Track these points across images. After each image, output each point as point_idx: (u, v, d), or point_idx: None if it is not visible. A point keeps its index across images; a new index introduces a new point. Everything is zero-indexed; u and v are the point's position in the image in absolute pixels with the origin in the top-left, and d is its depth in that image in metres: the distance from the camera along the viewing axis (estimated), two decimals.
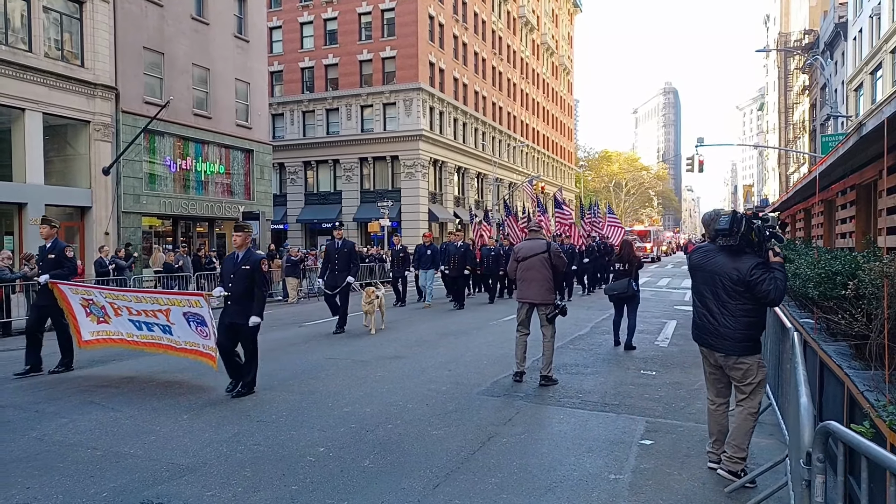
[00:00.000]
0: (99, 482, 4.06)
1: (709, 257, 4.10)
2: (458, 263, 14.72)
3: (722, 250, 4.02)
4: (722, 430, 4.24)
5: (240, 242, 6.50)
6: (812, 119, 44.50)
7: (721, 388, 4.23)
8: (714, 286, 4.02)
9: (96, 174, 20.10)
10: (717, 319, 4.00)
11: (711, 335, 4.05)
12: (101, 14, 20.16)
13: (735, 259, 3.94)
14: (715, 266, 4.03)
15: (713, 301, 4.03)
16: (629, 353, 8.76)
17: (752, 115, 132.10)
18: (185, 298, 6.85)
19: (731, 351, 3.95)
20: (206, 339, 6.63)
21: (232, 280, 6.43)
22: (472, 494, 3.90)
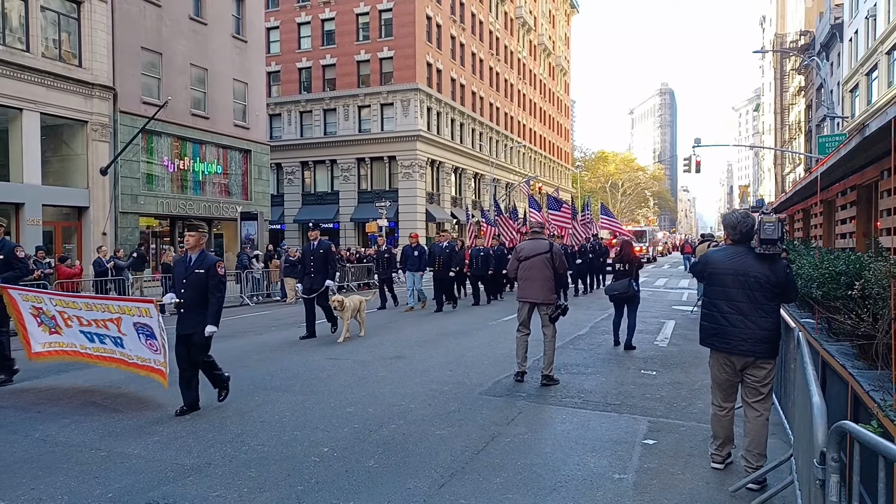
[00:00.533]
0: (104, 483, 4.05)
1: (738, 259, 3.98)
2: (443, 265, 14.22)
3: (750, 252, 3.95)
4: (729, 433, 4.23)
5: (192, 243, 5.86)
6: (808, 120, 44.67)
7: (732, 393, 4.20)
8: (748, 288, 3.90)
9: (94, 174, 20.06)
10: (752, 321, 3.89)
11: (741, 339, 3.92)
12: (98, 14, 20.12)
13: (766, 261, 3.89)
14: (747, 268, 3.92)
15: (747, 303, 3.90)
16: (629, 353, 8.78)
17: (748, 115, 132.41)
18: (136, 306, 6.24)
19: (761, 353, 3.88)
20: (156, 354, 6.03)
21: (184, 286, 5.80)
22: (477, 494, 3.91)
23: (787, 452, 4.02)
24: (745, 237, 4.01)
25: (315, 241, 10.44)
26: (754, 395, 4.02)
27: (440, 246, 14.55)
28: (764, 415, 3.98)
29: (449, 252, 14.41)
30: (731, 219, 4.09)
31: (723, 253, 4.14)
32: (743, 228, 4.00)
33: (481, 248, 15.99)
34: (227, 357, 8.47)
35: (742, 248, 4.02)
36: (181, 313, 5.89)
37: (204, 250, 5.96)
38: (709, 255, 4.27)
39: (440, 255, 14.27)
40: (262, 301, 18.08)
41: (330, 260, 10.51)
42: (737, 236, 4.02)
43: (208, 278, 5.77)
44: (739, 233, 4.00)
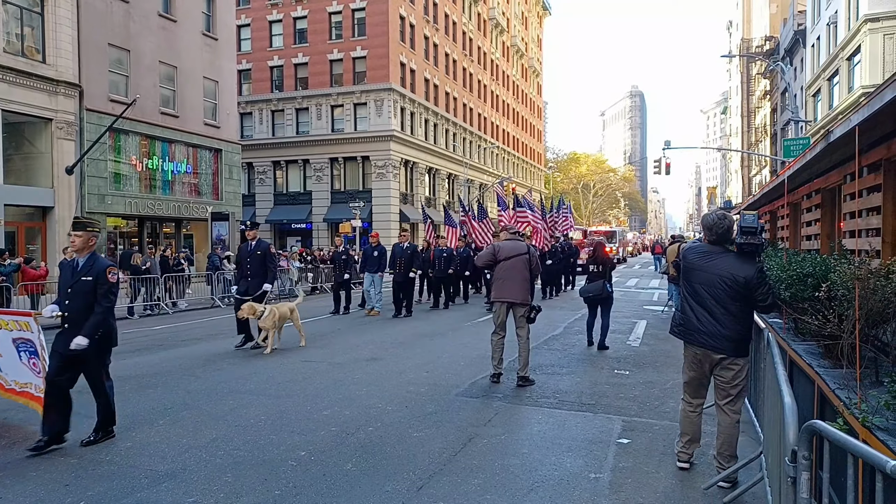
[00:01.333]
0: (75, 491, 3.97)
1: (710, 259, 4.05)
2: (404, 266, 13.42)
3: (725, 253, 4.02)
4: (696, 430, 4.32)
5: (79, 245, 4.96)
6: (773, 123, 45.80)
7: (702, 390, 4.29)
8: (715, 287, 3.98)
9: (59, 173, 19.54)
10: (718, 320, 3.96)
11: (711, 336, 4.00)
12: (63, 9, 19.62)
13: (740, 262, 3.94)
14: (717, 268, 3.99)
15: (713, 302, 3.99)
16: (602, 353, 8.90)
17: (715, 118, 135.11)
18: (14, 319, 5.34)
19: (730, 351, 3.96)
20: (38, 377, 5.12)
21: (69, 295, 4.93)
22: (455, 496, 3.93)
23: (756, 450, 4.13)
24: (721, 238, 4.07)
25: (253, 242, 9.72)
26: (724, 397, 4.08)
27: (401, 247, 13.73)
28: (734, 418, 4.05)
29: (410, 253, 13.69)
30: (708, 219, 4.16)
31: (695, 252, 4.20)
32: (719, 229, 4.06)
33: (444, 248, 15.23)
34: (200, 360, 8.38)
35: (718, 248, 4.08)
36: (63, 328, 4.95)
37: (94, 253, 5.08)
38: (686, 251, 4.33)
39: (401, 257, 13.52)
40: (233, 302, 17.82)
41: (269, 262, 9.69)
42: (713, 237, 4.08)
43: (97, 286, 4.91)
44: (715, 233, 4.06)
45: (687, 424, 4.36)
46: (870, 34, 24.61)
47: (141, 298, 15.40)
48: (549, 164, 78.85)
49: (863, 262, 3.07)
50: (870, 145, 4.25)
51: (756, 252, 3.90)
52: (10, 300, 12.17)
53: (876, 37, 24.51)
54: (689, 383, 4.32)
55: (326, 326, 12.06)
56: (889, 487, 1.53)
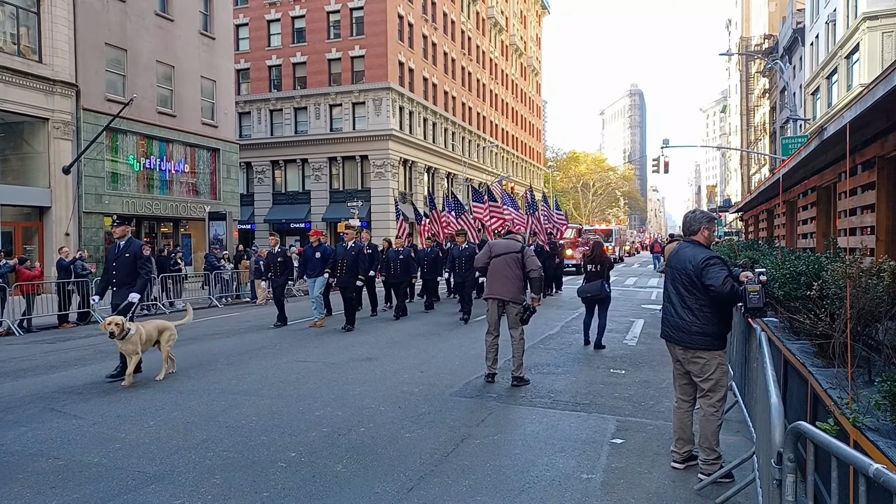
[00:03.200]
0: (61, 493, 3.93)
1: (677, 254, 4.23)
2: (347, 270, 11.33)
3: (687, 245, 4.18)
4: (685, 429, 4.32)
5: None
6: (772, 121, 45.75)
7: (685, 385, 4.35)
8: (674, 280, 4.16)
9: (56, 173, 19.52)
10: (677, 312, 4.13)
11: (672, 328, 4.18)
12: (59, 8, 19.58)
13: (693, 251, 4.09)
14: (678, 260, 4.16)
15: (675, 294, 4.16)
16: (599, 353, 8.86)
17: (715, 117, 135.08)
18: None
19: (688, 344, 4.07)
20: None
21: None
22: (446, 497, 3.90)
23: (749, 450, 4.09)
24: (689, 232, 4.23)
25: (122, 242, 7.73)
26: (699, 391, 4.19)
27: (344, 247, 11.54)
28: (709, 410, 4.10)
29: (355, 255, 11.41)
30: (685, 218, 4.35)
31: (675, 250, 4.36)
32: (689, 225, 4.24)
33: (399, 249, 13.52)
34: (194, 360, 8.33)
35: (684, 243, 4.26)
36: None
37: None
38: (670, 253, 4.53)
39: (344, 259, 11.37)
40: (231, 302, 17.80)
41: (140, 267, 7.62)
42: (685, 232, 4.27)
43: None
44: (686, 229, 4.24)
45: (676, 422, 4.40)
46: (868, 32, 24.56)
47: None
48: (548, 164, 78.81)
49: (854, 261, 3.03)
50: (864, 143, 4.22)
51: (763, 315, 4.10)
52: (6, 301, 12.12)
53: (875, 35, 24.46)
54: (675, 380, 4.45)
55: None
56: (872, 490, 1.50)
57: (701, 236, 4.15)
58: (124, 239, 7.74)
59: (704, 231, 4.15)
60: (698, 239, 4.15)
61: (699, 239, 4.15)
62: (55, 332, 12.29)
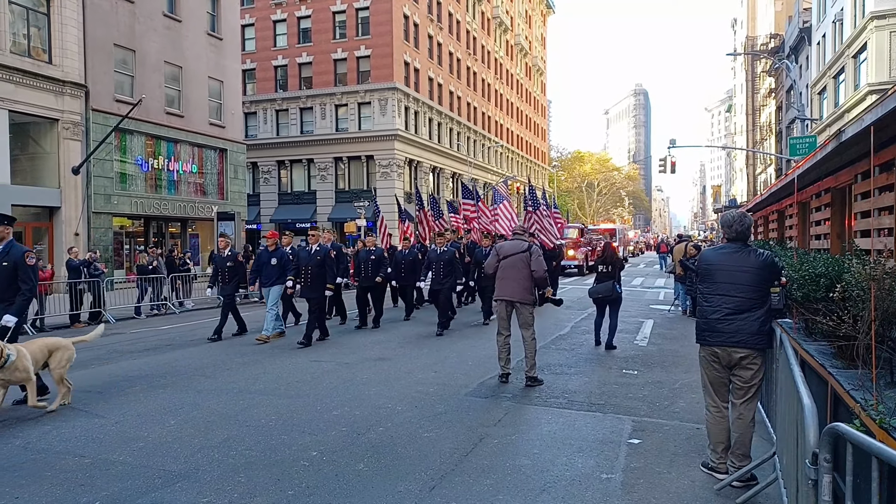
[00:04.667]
0: (90, 491, 3.99)
1: (733, 255, 4.11)
2: (313, 277, 9.82)
3: (745, 248, 4.10)
4: (728, 436, 4.20)
5: None
6: (778, 121, 45.65)
7: (725, 392, 4.22)
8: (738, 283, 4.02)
9: (65, 173, 19.65)
10: (742, 316, 3.97)
11: (734, 333, 3.99)
12: (69, 10, 19.70)
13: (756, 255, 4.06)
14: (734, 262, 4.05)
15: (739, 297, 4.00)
16: (610, 353, 8.90)
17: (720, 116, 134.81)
18: None
19: (751, 345, 3.95)
20: None
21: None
22: (468, 496, 3.94)
23: (768, 450, 4.13)
24: (740, 235, 4.14)
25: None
26: (741, 397, 4.07)
27: (307, 251, 10.18)
28: (749, 416, 4.05)
29: (322, 259, 9.98)
30: (727, 217, 4.23)
31: (719, 250, 4.25)
32: (739, 227, 4.14)
33: (372, 248, 11.97)
34: (209, 360, 8.40)
35: (738, 245, 4.15)
36: None
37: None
38: (705, 253, 4.38)
39: (308, 264, 9.95)
40: (240, 303, 17.85)
41: (21, 279, 6.04)
42: (732, 234, 4.15)
43: None
44: (735, 231, 4.13)
45: (719, 432, 4.21)
46: (876, 31, 24.50)
47: (148, 298, 15.44)
48: (553, 163, 78.77)
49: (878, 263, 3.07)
50: (881, 145, 4.25)
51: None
52: None
53: (882, 34, 24.40)
54: (713, 386, 4.23)
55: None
56: None
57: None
58: (3, 242, 6.12)
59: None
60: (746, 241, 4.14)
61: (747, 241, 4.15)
62: (67, 331, 12.37)
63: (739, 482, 3.98)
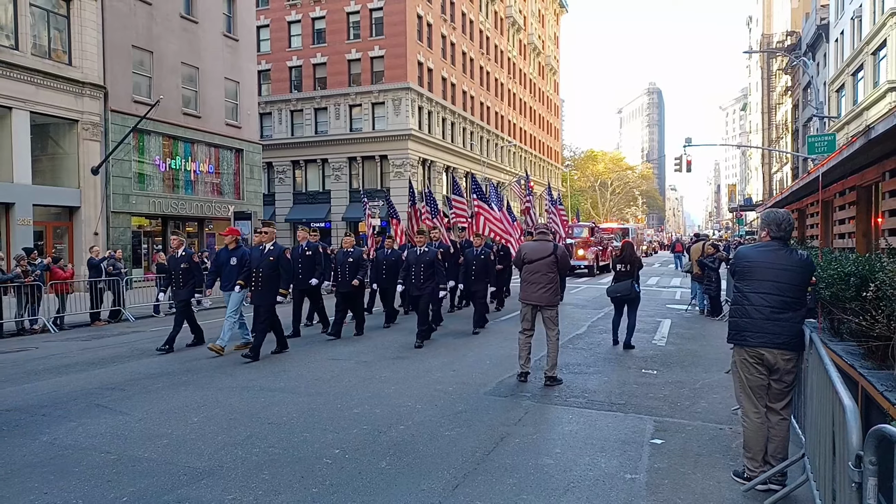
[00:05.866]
0: (117, 487, 4.03)
1: (774, 254, 4.02)
2: (263, 282, 8.43)
3: (787, 247, 4.03)
4: (765, 444, 4.07)
5: None
6: (795, 119, 45.13)
7: (765, 396, 4.07)
8: (782, 282, 3.92)
9: (85, 174, 19.88)
10: (789, 315, 3.88)
11: (778, 334, 3.88)
12: (88, 12, 19.93)
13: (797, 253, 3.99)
14: (775, 259, 3.97)
15: (788, 297, 3.89)
16: (629, 353, 8.84)
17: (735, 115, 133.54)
18: None
19: (794, 347, 3.86)
20: None
21: None
22: (491, 495, 3.93)
23: (797, 451, 4.08)
24: (787, 234, 4.06)
25: None
26: (780, 399, 3.98)
27: (260, 250, 8.68)
28: (788, 418, 3.98)
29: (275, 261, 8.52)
30: (775, 216, 4.11)
31: (761, 248, 4.13)
32: (787, 226, 4.06)
33: (349, 250, 10.58)
34: (229, 358, 8.45)
35: (780, 243, 4.05)
36: None
37: None
38: (744, 250, 4.24)
39: (259, 267, 8.56)
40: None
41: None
42: (780, 233, 4.05)
43: None
44: (784, 230, 4.04)
45: (760, 439, 4.03)
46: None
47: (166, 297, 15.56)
48: (566, 163, 78.48)
49: None
50: None
51: None
52: (41, 298, 12.38)
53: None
54: (753, 391, 4.06)
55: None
56: None
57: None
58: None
59: None
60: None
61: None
62: (88, 329, 12.54)
63: (763, 485, 3.93)
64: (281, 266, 8.51)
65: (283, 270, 8.52)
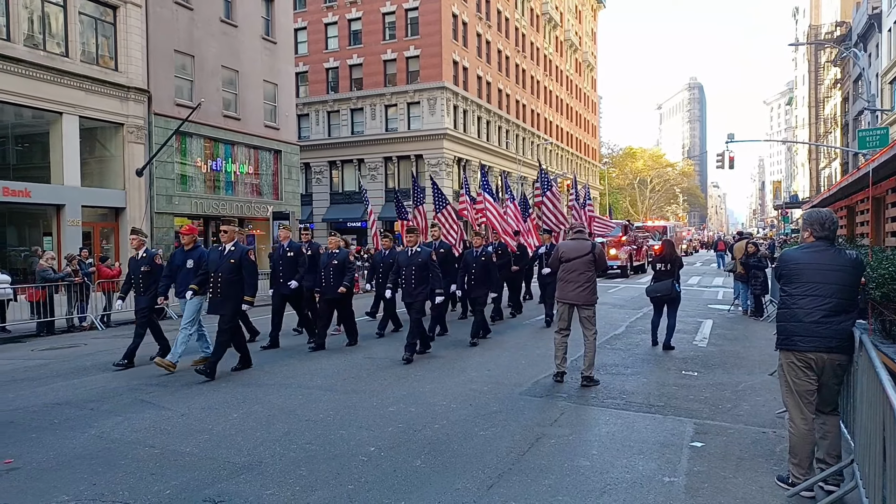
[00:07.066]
0: (160, 480, 4.15)
1: (822, 254, 3.90)
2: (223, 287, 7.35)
3: (833, 247, 3.92)
4: (814, 449, 3.95)
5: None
6: (844, 113, 43.52)
7: (814, 402, 3.93)
8: (831, 283, 3.80)
9: (130, 175, 20.50)
10: (841, 318, 3.76)
11: (830, 338, 3.76)
12: (133, 18, 20.54)
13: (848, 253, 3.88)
14: (833, 262, 3.84)
15: (839, 299, 3.77)
16: (668, 353, 8.67)
17: (780, 109, 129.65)
18: None
19: (851, 349, 3.74)
20: None
21: None
22: (526, 496, 3.90)
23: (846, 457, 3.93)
24: (831, 234, 3.95)
25: None
26: (829, 404, 3.86)
27: (220, 251, 7.59)
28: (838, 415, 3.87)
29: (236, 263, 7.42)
30: (818, 215, 4.01)
31: (808, 249, 4.01)
32: (831, 226, 3.95)
33: (334, 251, 9.30)
34: (268, 356, 8.61)
35: (826, 243, 3.94)
36: None
37: None
38: (789, 252, 4.13)
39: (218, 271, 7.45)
40: None
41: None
42: (824, 232, 3.94)
43: None
44: (828, 229, 3.93)
45: (807, 446, 3.88)
46: None
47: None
48: (603, 160, 77.43)
49: None
50: None
51: None
52: (89, 296, 12.83)
53: None
54: (801, 396, 3.90)
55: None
56: None
57: None
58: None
59: None
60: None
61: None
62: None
63: (808, 491, 3.80)
64: (244, 269, 7.36)
65: (246, 274, 7.34)
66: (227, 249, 7.46)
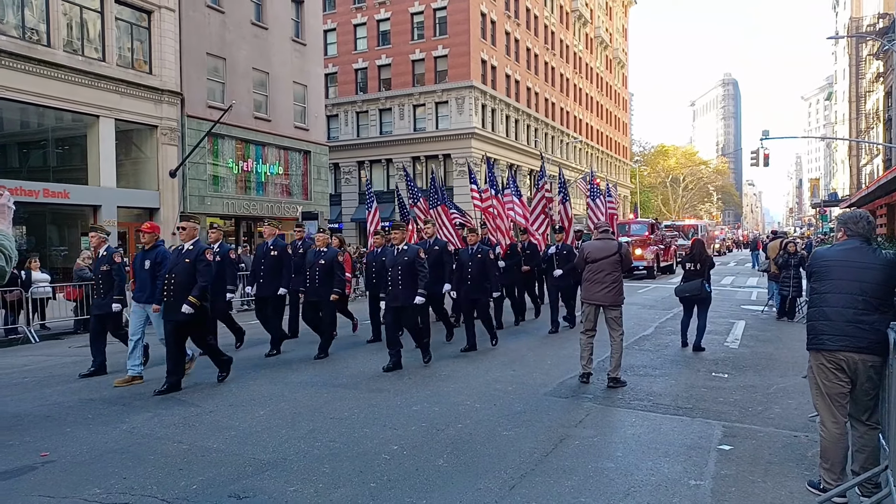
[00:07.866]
0: (188, 475, 4.23)
1: (854, 252, 3.81)
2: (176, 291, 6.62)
3: (864, 246, 3.83)
4: (846, 454, 3.84)
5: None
6: (887, 108, 42.11)
7: (846, 405, 3.81)
8: (865, 280, 3.70)
9: (163, 176, 20.96)
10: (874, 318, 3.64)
11: (860, 338, 3.66)
12: (167, 23, 20.99)
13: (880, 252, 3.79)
14: (866, 259, 3.75)
15: (872, 297, 3.66)
16: (698, 355, 8.52)
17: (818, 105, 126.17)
18: None
19: (883, 351, 3.61)
20: None
21: None
22: (549, 497, 3.88)
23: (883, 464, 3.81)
24: (865, 232, 3.86)
25: None
26: (864, 410, 3.73)
27: (179, 250, 6.87)
28: (877, 427, 3.73)
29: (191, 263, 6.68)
30: (851, 214, 3.96)
31: (839, 247, 3.93)
32: (865, 224, 3.87)
33: (322, 249, 8.77)
34: (296, 355, 8.71)
35: (858, 241, 3.85)
36: None
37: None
38: (820, 250, 4.04)
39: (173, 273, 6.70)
40: None
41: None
42: (856, 230, 3.86)
43: None
44: (861, 227, 3.85)
45: (839, 451, 3.76)
46: None
47: (239, 294, 16.21)
48: (634, 158, 76.40)
49: None
50: None
51: None
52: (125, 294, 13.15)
53: None
54: (832, 399, 3.78)
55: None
56: None
57: None
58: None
59: None
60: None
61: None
62: None
63: (841, 497, 3.69)
64: (198, 271, 6.58)
65: (198, 276, 6.56)
66: (184, 248, 6.73)
